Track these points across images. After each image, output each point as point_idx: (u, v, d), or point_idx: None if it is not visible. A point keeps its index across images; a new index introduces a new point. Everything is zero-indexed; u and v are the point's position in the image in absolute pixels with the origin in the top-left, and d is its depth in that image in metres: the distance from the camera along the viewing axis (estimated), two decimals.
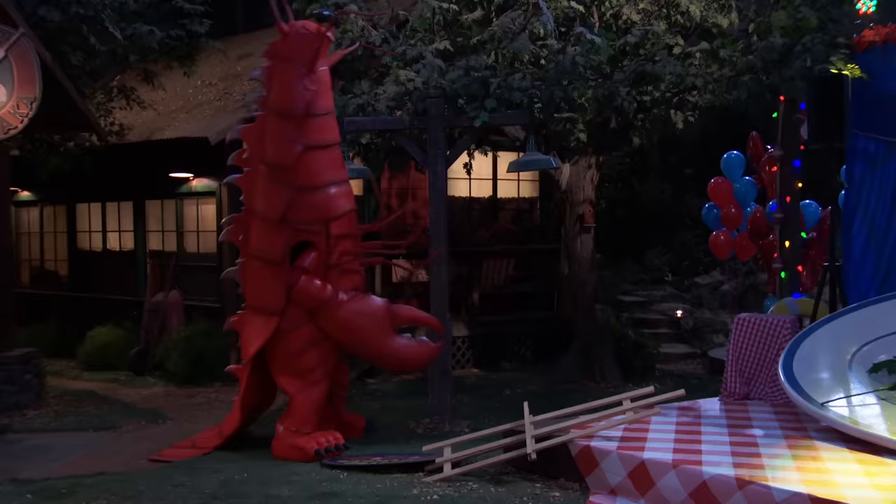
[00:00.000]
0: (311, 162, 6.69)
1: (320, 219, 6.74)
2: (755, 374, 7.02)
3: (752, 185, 9.98)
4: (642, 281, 14.36)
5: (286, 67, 6.58)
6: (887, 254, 7.52)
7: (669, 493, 4.94)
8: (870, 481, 4.57)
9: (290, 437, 6.60)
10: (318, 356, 6.77)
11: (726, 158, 10.15)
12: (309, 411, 6.70)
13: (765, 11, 7.50)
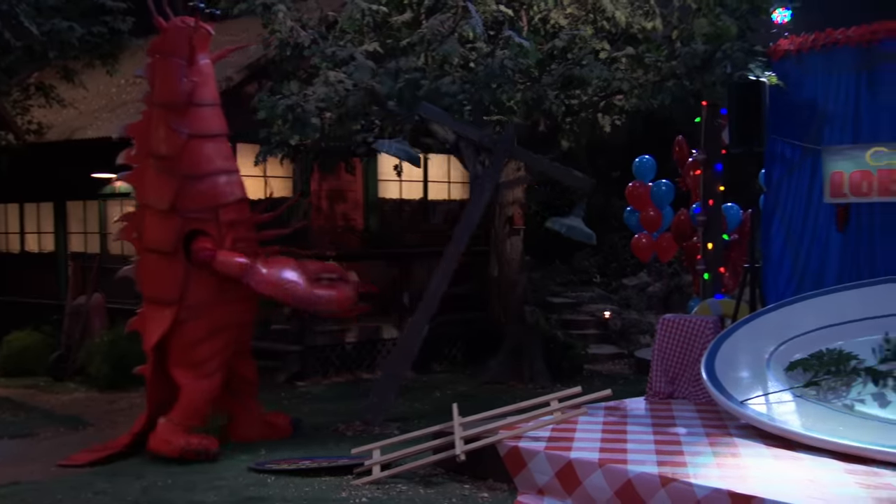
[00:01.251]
0: (197, 150, 6.86)
1: (208, 206, 6.87)
2: (679, 374, 7.16)
3: (669, 187, 10.20)
4: (571, 282, 14.53)
5: (167, 61, 6.82)
6: (803, 255, 7.76)
7: (595, 492, 5.01)
8: (785, 476, 4.72)
9: (167, 430, 6.57)
10: (211, 348, 6.80)
11: (638, 162, 10.35)
12: (197, 404, 6.71)
13: (687, 18, 7.68)
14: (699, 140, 8.72)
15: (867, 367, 5.85)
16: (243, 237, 7.04)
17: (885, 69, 7.24)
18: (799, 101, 7.66)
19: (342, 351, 10.50)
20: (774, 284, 7.91)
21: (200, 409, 6.74)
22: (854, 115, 7.41)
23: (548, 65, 8.14)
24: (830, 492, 4.41)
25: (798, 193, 7.79)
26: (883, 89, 7.26)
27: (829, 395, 5.85)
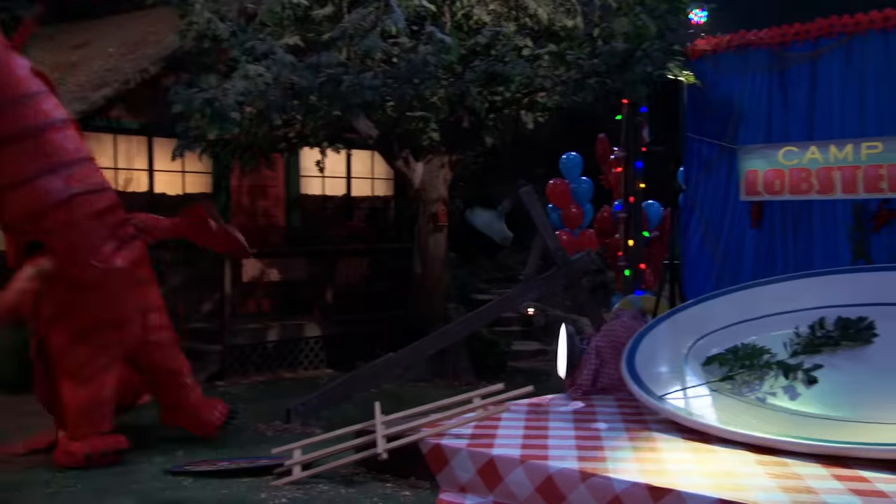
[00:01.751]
0: (6, 157, 6.08)
1: (32, 213, 6.14)
2: (601, 370, 7.23)
3: (588, 185, 10.32)
4: (496, 279, 14.59)
5: None
6: (721, 252, 7.93)
7: (517, 489, 5.02)
8: (700, 468, 4.79)
9: (65, 441, 6.23)
10: (82, 355, 6.29)
11: (564, 160, 10.45)
12: (83, 412, 6.25)
13: (608, 17, 7.77)
14: (621, 138, 8.84)
15: (779, 361, 5.99)
16: (121, 221, 6.46)
17: (795, 71, 7.44)
18: (715, 100, 7.83)
19: (263, 350, 10.34)
20: (694, 281, 8.07)
21: (89, 417, 6.25)
22: (767, 114, 7.60)
23: (471, 61, 8.14)
24: (742, 482, 4.50)
25: (715, 191, 7.95)
26: (793, 90, 7.46)
27: (743, 388, 5.97)
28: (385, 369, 7.75)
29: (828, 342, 6.10)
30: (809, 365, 5.88)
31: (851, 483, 4.49)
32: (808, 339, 6.17)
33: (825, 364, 5.87)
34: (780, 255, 7.54)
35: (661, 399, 6.00)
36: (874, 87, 7.03)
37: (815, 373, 5.81)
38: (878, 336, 5.99)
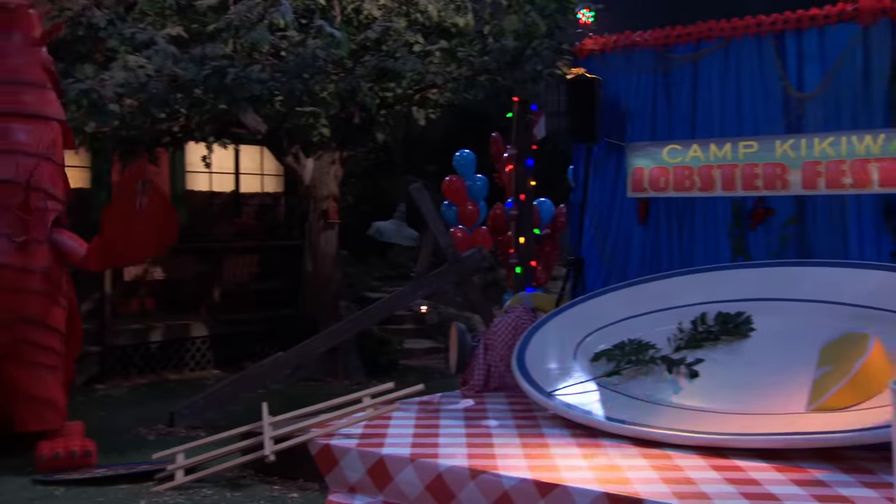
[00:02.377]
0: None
1: None
2: (493, 367, 7.26)
3: (484, 182, 10.38)
4: (388, 277, 14.51)
5: None
6: (609, 249, 8.08)
7: (407, 488, 4.98)
8: (587, 463, 4.85)
9: None
10: None
11: (458, 157, 10.48)
12: None
13: (499, 15, 7.81)
14: (512, 136, 8.88)
15: (663, 356, 6.13)
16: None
17: (678, 71, 7.64)
18: (603, 99, 7.96)
19: (146, 351, 9.99)
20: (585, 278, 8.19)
21: None
22: (652, 113, 7.78)
23: (361, 56, 8.05)
24: (627, 476, 4.57)
25: (604, 189, 8.10)
26: (676, 90, 7.67)
27: (629, 383, 6.09)
28: (274, 369, 7.59)
29: (709, 337, 6.28)
30: (692, 359, 6.04)
31: (728, 473, 4.62)
32: (690, 334, 6.33)
33: (706, 358, 6.04)
34: (666, 252, 7.71)
35: (551, 395, 6.06)
36: (749, 89, 7.28)
37: (696, 367, 5.97)
38: (754, 330, 6.20)
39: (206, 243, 11.13)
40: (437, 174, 14.20)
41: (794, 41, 7.00)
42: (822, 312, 6.14)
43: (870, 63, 6.67)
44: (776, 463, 4.77)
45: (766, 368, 5.82)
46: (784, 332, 6.09)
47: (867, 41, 6.67)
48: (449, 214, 10.64)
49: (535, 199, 9.11)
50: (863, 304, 6.02)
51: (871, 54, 6.65)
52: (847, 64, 6.76)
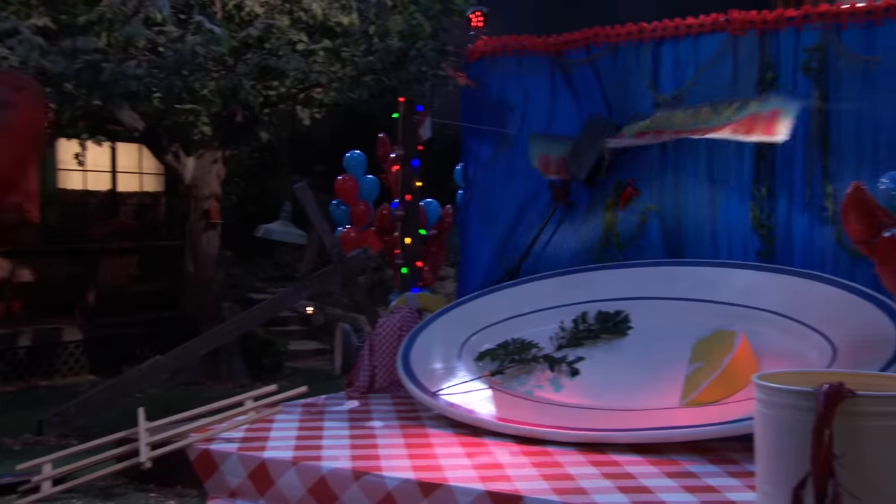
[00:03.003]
0: None
1: None
2: (378, 368, 7.24)
3: (375, 183, 10.34)
4: (274, 278, 14.31)
5: None
6: (497, 249, 8.20)
7: (288, 491, 4.91)
8: (470, 461, 4.90)
9: None
10: None
11: (349, 157, 10.42)
12: None
13: (384, 15, 7.79)
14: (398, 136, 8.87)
15: (545, 355, 6.25)
16: None
17: (568, 75, 7.83)
18: (490, 100, 8.09)
19: (13, 356, 9.53)
20: (472, 277, 8.27)
21: None
22: (547, 115, 7.96)
23: (243, 54, 7.88)
24: (509, 473, 4.63)
25: (491, 189, 8.20)
26: (562, 94, 7.85)
27: (512, 382, 6.18)
28: (152, 373, 7.35)
29: (589, 335, 6.44)
30: (572, 357, 6.18)
31: (605, 468, 4.75)
32: (571, 332, 6.49)
33: (586, 356, 6.20)
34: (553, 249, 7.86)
35: (435, 395, 6.09)
36: (634, 92, 7.53)
37: (577, 365, 6.12)
38: (632, 328, 6.39)
39: (80, 244, 10.71)
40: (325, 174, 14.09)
41: (671, 48, 7.28)
42: (696, 310, 6.39)
43: (738, 71, 6.98)
44: (650, 456, 4.93)
45: (642, 365, 6.01)
46: (660, 330, 6.30)
47: (736, 50, 6.98)
48: (337, 213, 10.54)
49: (421, 199, 9.12)
50: (732, 303, 6.30)
51: (739, 63, 6.97)
52: (717, 70, 7.07)
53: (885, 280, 5.11)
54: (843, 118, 6.60)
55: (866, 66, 6.48)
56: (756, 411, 3.99)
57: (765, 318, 6.02)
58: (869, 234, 5.06)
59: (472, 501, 4.31)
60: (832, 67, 6.60)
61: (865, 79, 6.51)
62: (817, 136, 6.69)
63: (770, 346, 5.71)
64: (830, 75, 6.62)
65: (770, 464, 3.88)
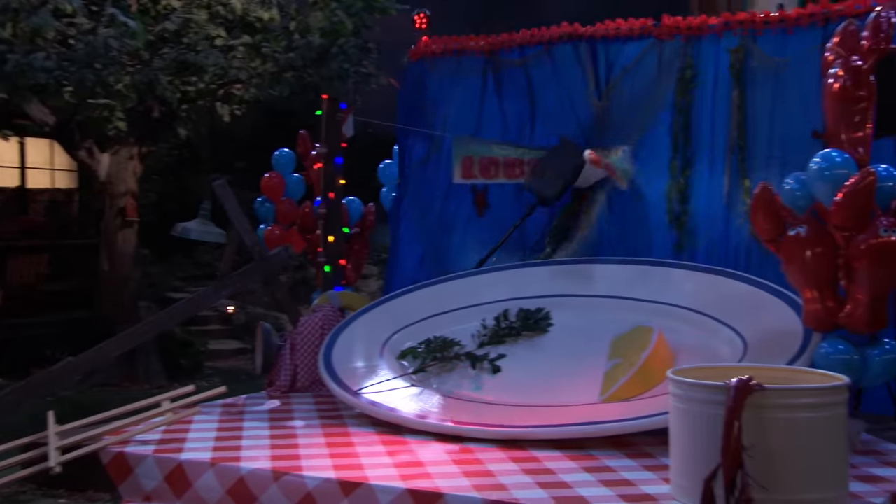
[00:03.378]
0: None
1: None
2: (300, 367, 7.17)
3: (301, 181, 10.24)
4: (194, 277, 14.08)
5: None
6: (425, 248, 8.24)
7: (206, 493, 4.82)
8: (391, 460, 4.88)
9: None
10: None
11: (277, 155, 10.29)
12: None
13: (305, 11, 7.71)
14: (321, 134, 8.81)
15: (467, 353, 6.27)
16: None
17: (498, 77, 7.97)
18: (426, 99, 8.22)
19: None
20: (402, 275, 8.27)
21: None
22: (476, 117, 8.09)
23: (159, 48, 7.71)
24: (430, 471, 4.64)
25: (423, 187, 8.25)
26: (490, 96, 8.01)
27: (434, 380, 6.19)
28: (63, 374, 7.13)
29: (510, 333, 6.49)
30: (494, 355, 6.22)
31: (525, 464, 4.78)
32: (493, 330, 6.52)
33: (508, 353, 6.24)
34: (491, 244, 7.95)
35: (357, 393, 6.05)
36: (566, 93, 7.72)
37: (498, 362, 6.15)
38: (553, 325, 6.46)
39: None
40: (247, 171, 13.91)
41: (604, 49, 7.55)
42: (614, 307, 6.50)
43: (661, 72, 7.29)
44: (570, 452, 4.99)
45: (563, 362, 6.08)
46: (580, 327, 6.39)
47: (661, 53, 7.31)
48: (261, 211, 10.40)
49: (344, 197, 9.07)
50: (649, 300, 6.43)
51: (663, 64, 7.29)
52: (641, 71, 7.37)
53: (790, 277, 5.28)
54: (757, 117, 6.93)
55: (777, 68, 6.86)
56: (671, 406, 4.09)
57: (680, 315, 6.17)
58: (776, 233, 5.22)
59: (393, 500, 4.30)
60: (748, 68, 6.97)
61: (777, 80, 6.87)
62: (735, 133, 6.98)
63: (685, 341, 5.85)
64: (747, 76, 6.98)
65: (683, 457, 3.98)
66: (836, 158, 5.05)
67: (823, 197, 5.06)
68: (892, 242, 4.83)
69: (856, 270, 4.93)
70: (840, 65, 5.25)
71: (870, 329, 5.06)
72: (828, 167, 5.04)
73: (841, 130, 5.21)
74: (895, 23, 5.35)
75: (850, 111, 5.17)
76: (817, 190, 5.10)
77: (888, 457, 4.96)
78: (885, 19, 5.30)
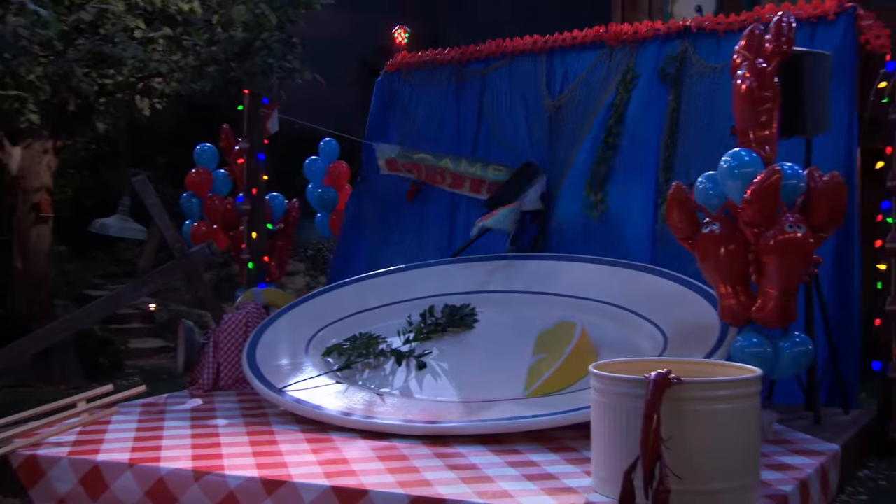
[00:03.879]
0: None
1: None
2: (223, 365, 7.07)
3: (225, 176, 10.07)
4: (113, 274, 13.75)
5: None
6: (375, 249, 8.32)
7: (124, 495, 4.72)
8: (316, 458, 4.84)
9: None
10: None
11: (199, 150, 10.11)
12: None
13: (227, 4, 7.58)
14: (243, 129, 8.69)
15: (392, 349, 6.27)
16: None
17: (460, 86, 8.32)
18: (404, 107, 8.54)
19: None
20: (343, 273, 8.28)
21: None
22: (438, 126, 8.35)
23: (74, 39, 7.46)
24: (355, 468, 4.61)
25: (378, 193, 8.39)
26: (451, 106, 8.33)
27: (359, 377, 6.17)
28: None
29: (436, 329, 6.51)
30: (420, 351, 6.23)
31: (450, 459, 4.81)
32: (418, 326, 6.54)
33: (434, 349, 6.26)
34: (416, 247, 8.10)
35: (281, 391, 6.00)
36: (523, 102, 8.01)
37: (424, 358, 6.17)
38: (478, 321, 6.50)
39: None
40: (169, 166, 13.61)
41: (561, 59, 7.87)
42: (538, 303, 6.58)
43: (609, 77, 7.58)
44: (494, 447, 5.03)
45: (488, 357, 6.13)
46: (505, 322, 6.45)
47: (611, 59, 7.63)
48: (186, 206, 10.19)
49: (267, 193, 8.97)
50: (573, 295, 6.52)
51: (611, 70, 7.60)
52: (592, 77, 7.69)
53: (705, 274, 5.41)
54: (692, 119, 7.15)
55: (713, 73, 7.12)
56: (592, 400, 4.16)
57: (602, 310, 6.28)
58: (690, 231, 5.34)
59: (317, 498, 4.27)
60: (686, 73, 7.25)
61: (712, 84, 7.10)
62: (668, 133, 7.19)
63: (607, 336, 5.95)
64: (685, 80, 7.24)
65: (605, 450, 4.05)
66: (745, 157, 5.20)
67: (733, 194, 5.20)
68: (798, 238, 5.00)
69: (765, 265, 5.09)
70: (746, 67, 5.42)
71: (780, 323, 5.22)
72: (737, 165, 5.19)
73: (748, 130, 5.36)
74: (795, 27, 5.52)
75: (756, 111, 5.34)
76: (727, 188, 5.24)
77: (798, 445, 5.14)
78: (787, 23, 5.47)
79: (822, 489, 4.69)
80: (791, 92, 5.58)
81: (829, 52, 6.09)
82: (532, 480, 4.36)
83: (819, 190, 5.21)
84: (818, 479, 4.65)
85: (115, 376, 9.28)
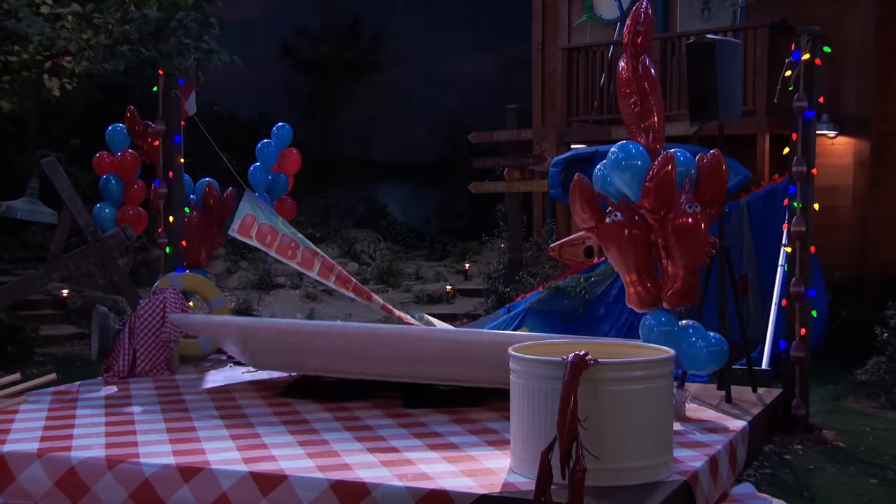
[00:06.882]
0: None
1: None
2: (140, 351, 6.93)
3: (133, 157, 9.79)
4: (22, 259, 13.31)
5: None
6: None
7: (32, 486, 4.58)
8: (235, 444, 4.78)
9: None
10: None
11: (111, 132, 9.81)
12: None
13: None
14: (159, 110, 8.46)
15: None
16: None
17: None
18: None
19: None
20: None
21: None
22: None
23: None
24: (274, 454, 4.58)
25: None
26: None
27: None
28: None
29: None
30: None
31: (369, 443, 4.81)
32: None
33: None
34: None
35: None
36: None
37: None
38: None
39: None
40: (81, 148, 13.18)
41: None
42: None
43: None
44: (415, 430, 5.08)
45: None
46: None
47: None
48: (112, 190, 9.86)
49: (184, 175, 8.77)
50: None
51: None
52: None
53: (612, 262, 5.53)
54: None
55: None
56: (511, 381, 4.20)
57: None
58: (594, 221, 5.44)
59: (235, 483, 4.23)
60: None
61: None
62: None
63: None
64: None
65: (523, 431, 4.10)
66: (632, 149, 5.31)
67: (622, 185, 5.31)
68: (697, 215, 5.20)
69: (670, 248, 5.25)
70: (623, 58, 5.56)
71: (687, 300, 5.36)
72: (625, 157, 5.29)
73: (632, 119, 5.48)
74: (652, 15, 5.61)
75: (627, 104, 5.47)
76: (616, 179, 5.34)
77: (709, 423, 5.31)
78: (644, 10, 5.53)
79: (730, 464, 4.86)
80: (703, 78, 5.71)
81: (739, 41, 6.25)
82: (452, 462, 4.40)
83: (704, 170, 5.38)
84: (727, 455, 4.81)
85: (25, 364, 8.99)
